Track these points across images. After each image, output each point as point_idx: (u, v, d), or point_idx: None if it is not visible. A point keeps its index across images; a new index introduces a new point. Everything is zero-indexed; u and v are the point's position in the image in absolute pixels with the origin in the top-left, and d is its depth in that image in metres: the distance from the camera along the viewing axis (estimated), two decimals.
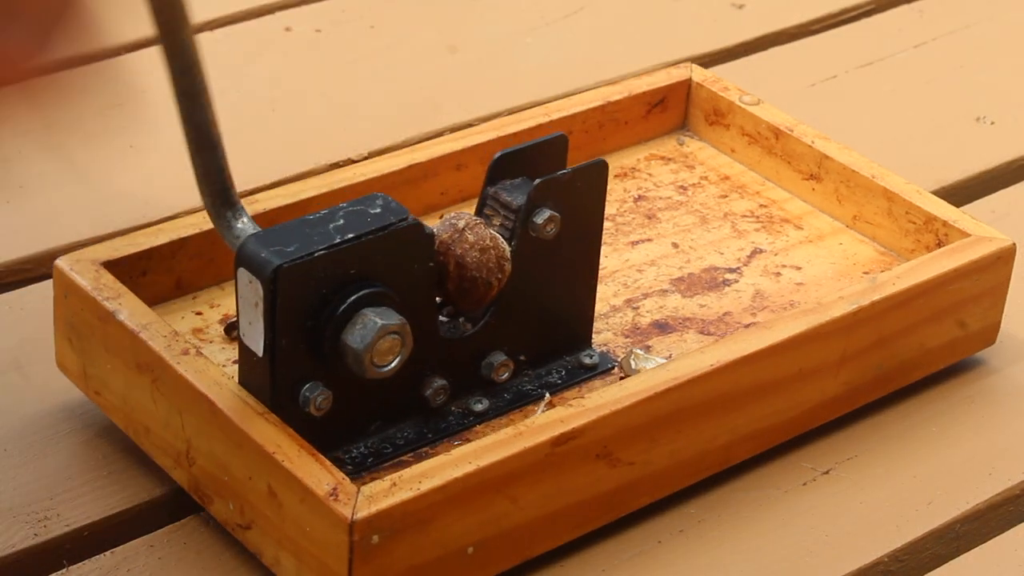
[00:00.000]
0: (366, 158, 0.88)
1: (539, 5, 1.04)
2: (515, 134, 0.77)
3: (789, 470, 0.69)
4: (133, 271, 0.69)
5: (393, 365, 0.61)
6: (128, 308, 0.65)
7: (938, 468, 0.69)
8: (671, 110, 0.83)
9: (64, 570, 0.63)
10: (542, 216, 0.65)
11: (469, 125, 0.91)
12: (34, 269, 0.78)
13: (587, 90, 0.93)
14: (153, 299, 0.69)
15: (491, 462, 0.59)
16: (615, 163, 0.81)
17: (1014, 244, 0.72)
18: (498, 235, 0.64)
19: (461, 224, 0.64)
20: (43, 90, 0.48)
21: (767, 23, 1.03)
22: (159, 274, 0.70)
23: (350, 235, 0.60)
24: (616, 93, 0.82)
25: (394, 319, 0.61)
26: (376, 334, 0.60)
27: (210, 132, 0.61)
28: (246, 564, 0.63)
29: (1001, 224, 0.79)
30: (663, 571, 0.64)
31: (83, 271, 0.67)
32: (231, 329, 0.69)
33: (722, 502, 0.67)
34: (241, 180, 0.86)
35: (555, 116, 0.79)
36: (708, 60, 0.99)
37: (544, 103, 0.92)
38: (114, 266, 0.68)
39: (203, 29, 1.00)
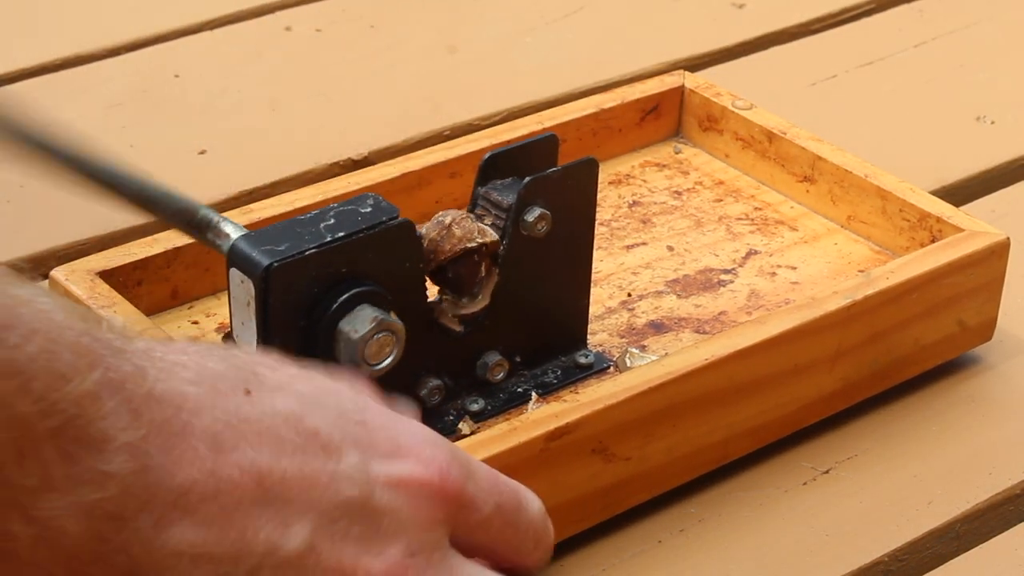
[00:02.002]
0: (366, 157, 0.88)
1: (539, 5, 1.04)
2: (508, 141, 0.77)
3: (789, 469, 0.69)
4: (128, 281, 0.69)
5: (386, 364, 0.61)
6: (124, 317, 0.65)
7: (938, 468, 0.69)
8: (664, 117, 0.83)
9: None
10: (533, 214, 0.65)
11: (469, 125, 0.91)
12: (34, 269, 0.78)
13: (587, 90, 0.93)
14: (149, 309, 0.69)
15: (486, 457, 0.59)
16: (610, 170, 0.82)
17: (1008, 238, 0.72)
18: (486, 227, 0.64)
19: (448, 220, 0.64)
20: None
21: (767, 23, 1.03)
22: (154, 284, 0.70)
23: (341, 234, 0.60)
24: (609, 100, 0.82)
25: (392, 316, 0.61)
26: (373, 327, 0.60)
27: None
28: None
29: (1001, 223, 0.78)
30: (663, 570, 0.64)
31: (78, 281, 0.67)
32: (228, 338, 0.69)
33: (722, 501, 0.67)
34: (241, 180, 0.87)
35: (548, 123, 0.79)
36: (708, 60, 0.99)
37: (544, 102, 0.92)
38: (109, 276, 0.68)
39: (203, 29, 1.00)
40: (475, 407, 0.66)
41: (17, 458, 0.43)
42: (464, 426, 0.65)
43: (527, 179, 0.65)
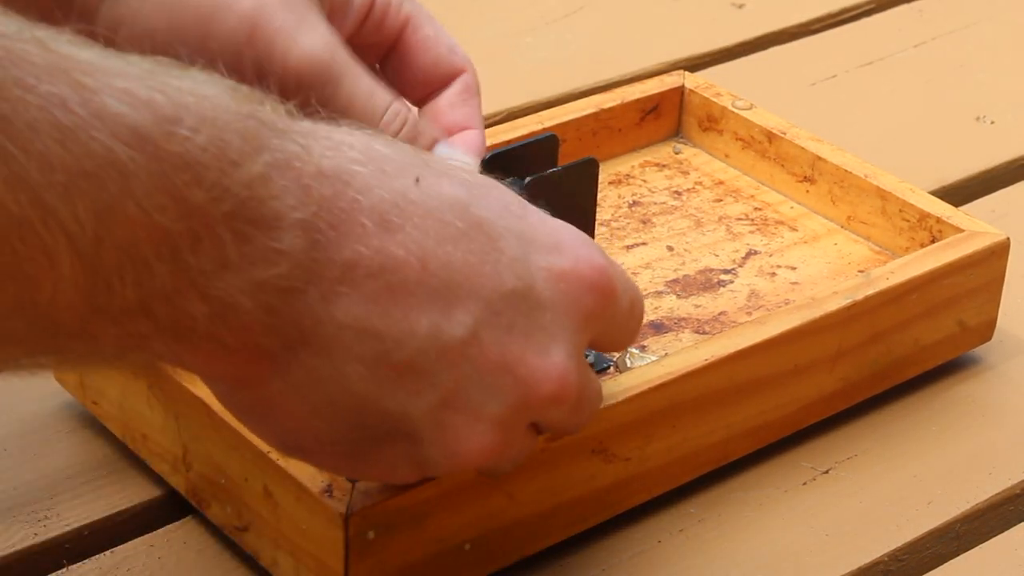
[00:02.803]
0: None
1: (539, 5, 1.04)
2: (508, 141, 0.77)
3: (789, 469, 0.69)
4: None
5: None
6: None
7: (938, 468, 0.69)
8: (664, 117, 0.83)
9: (64, 570, 0.63)
10: None
11: None
12: None
13: (587, 90, 0.94)
14: None
15: None
16: (610, 170, 0.82)
17: (1008, 239, 0.73)
18: None
19: None
20: None
21: (767, 23, 1.03)
22: None
23: None
24: (609, 100, 0.82)
25: None
26: None
27: None
28: (246, 563, 0.63)
29: (1001, 223, 0.79)
30: (663, 570, 0.64)
31: None
32: None
33: (722, 502, 0.67)
34: None
35: (548, 123, 0.79)
36: (708, 60, 0.99)
37: (544, 102, 0.92)
38: None
39: None
40: None
41: (193, 244, 0.44)
42: None
43: (527, 179, 0.65)
